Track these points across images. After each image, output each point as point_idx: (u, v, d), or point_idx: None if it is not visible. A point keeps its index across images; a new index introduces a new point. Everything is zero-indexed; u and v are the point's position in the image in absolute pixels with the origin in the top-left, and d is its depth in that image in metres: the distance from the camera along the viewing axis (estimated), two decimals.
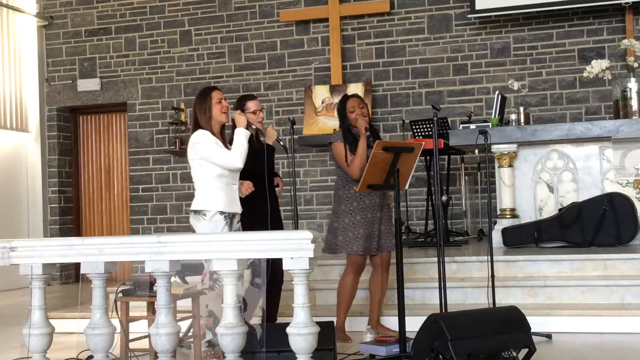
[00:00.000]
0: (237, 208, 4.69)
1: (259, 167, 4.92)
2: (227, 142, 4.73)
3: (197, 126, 4.69)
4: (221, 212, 4.60)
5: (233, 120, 4.79)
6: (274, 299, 5.11)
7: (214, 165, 4.59)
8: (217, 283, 4.54)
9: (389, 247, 5.21)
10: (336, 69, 9.04)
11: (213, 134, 4.63)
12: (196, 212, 4.64)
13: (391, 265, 5.38)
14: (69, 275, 9.91)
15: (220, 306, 4.52)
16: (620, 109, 6.82)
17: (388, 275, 5.30)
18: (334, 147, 5.19)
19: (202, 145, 4.59)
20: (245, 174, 4.79)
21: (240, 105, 5.08)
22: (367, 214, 5.13)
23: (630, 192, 6.66)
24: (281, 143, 5.15)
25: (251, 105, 5.07)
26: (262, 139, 5.11)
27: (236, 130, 4.64)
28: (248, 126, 4.76)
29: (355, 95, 5.35)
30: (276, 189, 5.17)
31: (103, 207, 10.22)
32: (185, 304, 4.71)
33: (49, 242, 4.13)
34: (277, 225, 5.05)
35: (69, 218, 10.10)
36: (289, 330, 3.52)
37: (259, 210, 4.87)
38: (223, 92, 4.95)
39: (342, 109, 5.23)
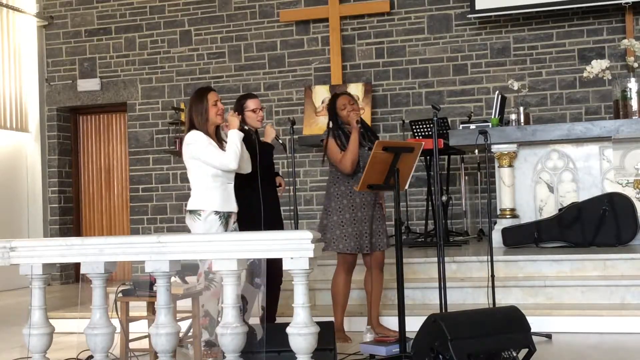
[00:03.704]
0: (233, 207, 4.68)
1: (255, 167, 4.90)
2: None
3: (192, 127, 4.67)
4: (216, 212, 4.59)
5: (226, 121, 4.78)
6: (273, 298, 5.11)
7: (208, 165, 4.59)
8: (212, 283, 4.55)
9: (381, 246, 5.20)
10: (336, 69, 9.04)
11: (208, 134, 4.63)
12: (192, 212, 4.63)
13: (391, 265, 5.38)
14: (69, 275, 9.91)
15: (216, 306, 4.55)
16: (620, 109, 6.82)
17: (382, 274, 5.29)
18: (329, 143, 5.15)
19: (195, 146, 4.59)
20: (242, 173, 4.79)
21: (239, 104, 5.06)
22: (356, 212, 5.11)
23: (630, 192, 6.65)
24: (280, 141, 5.12)
25: (250, 104, 5.04)
26: (262, 138, 5.11)
27: (229, 132, 4.61)
28: (243, 127, 4.73)
29: (345, 93, 5.35)
30: (278, 188, 5.16)
31: (103, 207, 10.22)
32: (185, 304, 4.71)
33: (49, 242, 4.13)
34: (276, 225, 5.03)
35: (69, 218, 10.10)
36: (289, 330, 3.52)
37: (256, 210, 4.86)
38: (223, 92, 4.97)
39: (332, 107, 5.22)
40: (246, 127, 4.84)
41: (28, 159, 9.98)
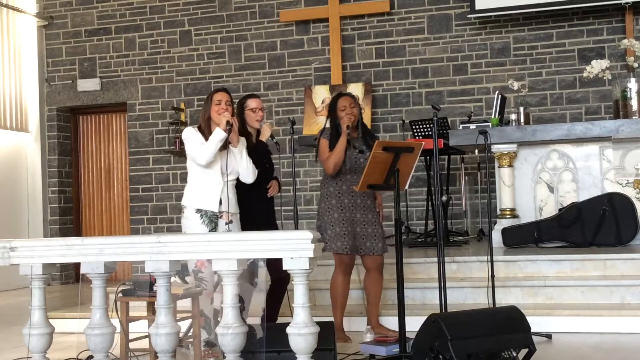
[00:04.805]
0: (215, 207, 4.66)
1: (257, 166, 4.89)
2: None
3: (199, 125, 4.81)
4: (197, 210, 4.65)
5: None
6: (277, 298, 5.09)
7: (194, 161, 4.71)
8: (202, 282, 4.56)
9: (376, 250, 5.17)
10: (336, 69, 9.04)
11: (207, 132, 4.67)
12: (181, 208, 4.80)
13: (391, 265, 5.38)
14: (69, 275, 9.91)
15: (209, 305, 4.56)
16: (620, 109, 6.82)
17: (382, 276, 5.28)
18: (321, 142, 5.19)
19: (186, 142, 4.73)
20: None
21: (241, 103, 5.08)
22: (345, 213, 5.11)
23: (630, 192, 6.65)
24: (274, 140, 5.10)
25: (251, 102, 5.04)
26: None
27: (214, 130, 4.65)
28: (227, 128, 4.66)
29: (348, 94, 5.34)
30: (269, 189, 5.09)
31: (103, 207, 10.22)
32: (185, 304, 4.71)
33: (49, 242, 4.13)
34: (268, 226, 4.99)
35: (69, 218, 10.10)
36: (289, 330, 3.52)
37: (254, 210, 4.87)
38: None
39: (333, 106, 5.22)
40: (228, 127, 4.67)
41: (28, 159, 9.98)
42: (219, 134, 4.61)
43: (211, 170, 4.67)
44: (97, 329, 3.87)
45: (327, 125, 5.23)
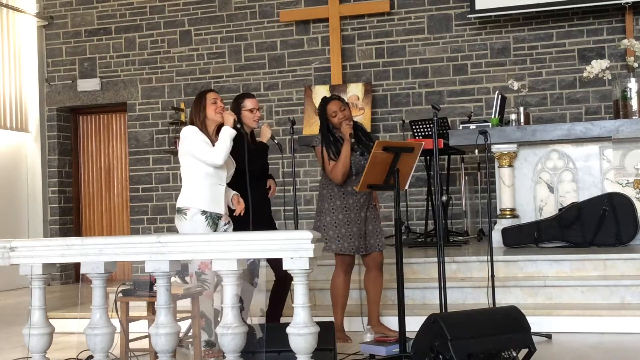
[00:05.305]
0: (221, 209, 4.60)
1: (251, 167, 4.86)
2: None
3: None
4: (203, 212, 4.54)
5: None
6: (280, 296, 5.07)
7: (201, 163, 4.54)
8: (205, 283, 4.54)
9: (379, 247, 5.19)
10: (336, 69, 9.04)
11: (206, 133, 4.62)
12: (179, 210, 4.62)
13: (391, 265, 5.38)
14: (69, 275, 9.91)
15: (211, 306, 4.55)
16: (620, 109, 6.83)
17: (382, 274, 5.28)
18: (317, 151, 5.16)
19: (188, 140, 4.57)
20: (238, 173, 4.75)
21: (237, 102, 5.02)
22: (350, 214, 5.10)
23: (630, 192, 6.66)
24: (275, 141, 5.07)
25: (248, 103, 4.99)
26: (257, 138, 5.09)
27: (222, 128, 4.58)
28: (236, 126, 4.67)
29: (335, 97, 5.26)
30: (269, 191, 5.10)
31: (103, 207, 10.22)
32: (185, 304, 4.71)
33: (49, 242, 4.13)
34: (265, 227, 4.97)
35: (69, 218, 10.10)
36: (289, 330, 3.52)
37: (249, 212, 4.84)
38: (223, 92, 4.94)
39: (322, 113, 5.16)
40: (238, 125, 4.70)
41: (28, 159, 9.98)
42: (230, 132, 4.53)
43: (218, 171, 4.60)
44: (97, 329, 3.87)
45: (321, 134, 5.17)
